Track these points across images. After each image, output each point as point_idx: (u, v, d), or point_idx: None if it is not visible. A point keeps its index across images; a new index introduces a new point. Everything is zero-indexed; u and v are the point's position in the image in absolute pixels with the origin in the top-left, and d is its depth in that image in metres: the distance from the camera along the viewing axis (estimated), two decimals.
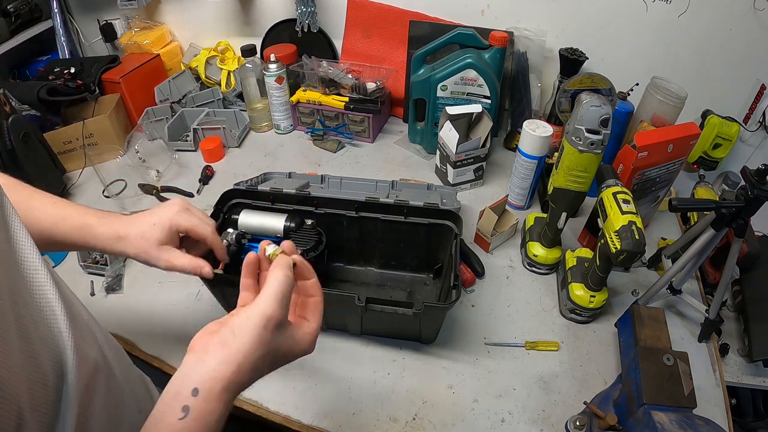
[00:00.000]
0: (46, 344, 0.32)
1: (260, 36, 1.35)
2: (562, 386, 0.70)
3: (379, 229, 0.82)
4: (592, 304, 0.75)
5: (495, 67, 1.03)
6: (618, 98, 0.95)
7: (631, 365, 0.62)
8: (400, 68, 1.23)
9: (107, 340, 0.42)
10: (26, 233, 0.35)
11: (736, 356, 0.86)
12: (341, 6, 1.24)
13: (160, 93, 1.26)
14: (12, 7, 1.23)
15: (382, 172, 1.12)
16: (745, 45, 1.01)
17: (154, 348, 0.74)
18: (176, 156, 1.16)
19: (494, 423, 0.66)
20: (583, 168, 0.72)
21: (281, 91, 1.19)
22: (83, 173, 1.12)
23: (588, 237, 0.91)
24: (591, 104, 0.67)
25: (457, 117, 0.98)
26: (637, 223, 0.64)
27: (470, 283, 0.85)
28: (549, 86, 1.16)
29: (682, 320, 0.80)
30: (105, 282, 0.84)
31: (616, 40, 1.10)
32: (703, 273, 0.91)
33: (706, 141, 0.99)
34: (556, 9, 1.10)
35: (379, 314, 0.66)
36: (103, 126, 1.13)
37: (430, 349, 0.75)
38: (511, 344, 0.76)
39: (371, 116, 1.17)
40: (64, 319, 0.34)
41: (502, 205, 0.87)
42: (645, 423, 0.53)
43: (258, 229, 0.76)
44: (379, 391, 0.69)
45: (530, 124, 0.90)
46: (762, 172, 0.61)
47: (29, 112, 1.11)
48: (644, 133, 0.81)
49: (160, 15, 1.41)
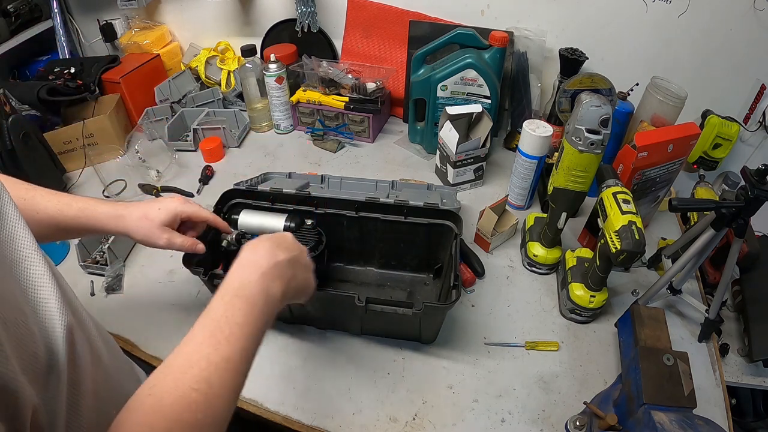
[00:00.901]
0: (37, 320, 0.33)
1: (260, 36, 1.35)
2: (562, 386, 0.70)
3: (379, 229, 0.82)
4: (592, 304, 0.75)
5: (495, 67, 1.03)
6: (618, 98, 0.95)
7: (631, 365, 0.62)
8: (400, 68, 1.23)
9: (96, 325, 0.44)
10: (23, 224, 0.37)
11: (736, 356, 0.86)
12: (341, 6, 1.24)
13: (160, 93, 1.26)
14: (12, 7, 1.23)
15: (382, 172, 1.12)
16: (745, 45, 1.01)
17: (154, 348, 0.74)
18: (176, 156, 1.16)
19: (494, 423, 0.66)
20: (583, 168, 0.72)
21: (281, 91, 1.19)
22: (83, 173, 1.12)
23: (588, 237, 0.91)
24: (591, 104, 0.67)
25: (457, 117, 0.98)
26: (637, 223, 0.64)
27: (470, 283, 0.85)
28: (549, 86, 1.16)
29: (682, 320, 0.80)
30: (105, 282, 0.84)
31: (616, 40, 1.10)
32: (703, 273, 0.91)
33: (706, 141, 0.99)
34: (556, 9, 1.10)
35: (379, 314, 0.66)
36: (103, 126, 1.13)
37: (430, 349, 0.75)
38: (511, 344, 0.76)
39: (371, 116, 1.17)
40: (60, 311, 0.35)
41: (502, 205, 0.87)
42: (645, 423, 0.53)
43: (258, 229, 0.75)
44: (379, 391, 0.69)
45: (530, 124, 0.90)
46: (762, 172, 0.61)
47: (29, 112, 1.11)
48: (644, 133, 0.81)
49: (160, 15, 1.41)
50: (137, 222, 0.60)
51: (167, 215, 0.61)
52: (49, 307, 0.34)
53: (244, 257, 0.48)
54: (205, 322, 0.42)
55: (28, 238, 0.36)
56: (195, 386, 0.37)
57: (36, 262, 0.36)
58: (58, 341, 0.34)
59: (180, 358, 0.39)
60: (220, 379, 0.38)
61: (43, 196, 0.57)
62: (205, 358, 0.39)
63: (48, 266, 0.37)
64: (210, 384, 0.37)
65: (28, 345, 0.30)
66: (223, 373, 0.39)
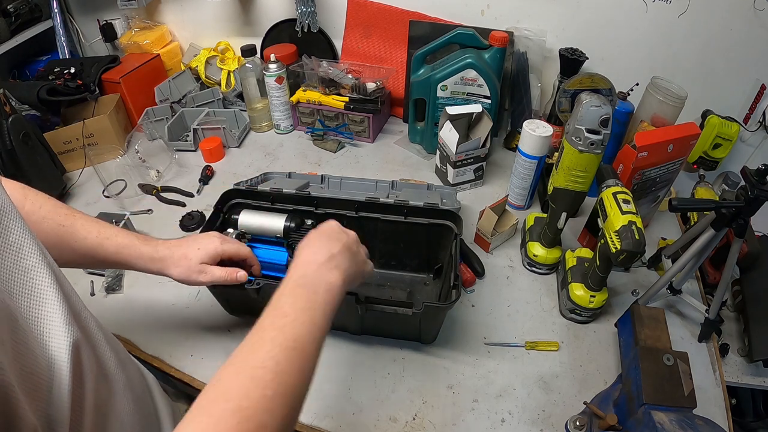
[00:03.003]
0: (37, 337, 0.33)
1: (260, 36, 1.35)
2: (562, 386, 0.70)
3: (379, 229, 0.82)
4: (592, 304, 0.75)
5: (495, 67, 1.03)
6: (618, 98, 0.95)
7: (631, 365, 0.62)
8: (400, 68, 1.23)
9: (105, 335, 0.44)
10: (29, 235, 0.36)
11: (736, 356, 0.86)
12: (341, 6, 1.24)
13: (160, 93, 1.26)
14: (12, 7, 1.23)
15: (382, 172, 1.12)
16: (745, 45, 1.01)
17: (154, 348, 0.74)
18: (176, 156, 1.16)
19: (494, 423, 0.66)
20: (583, 168, 0.72)
21: (281, 91, 1.19)
22: (83, 173, 1.12)
23: (588, 237, 0.91)
24: (591, 104, 0.67)
25: (457, 117, 0.98)
26: (637, 223, 0.64)
27: (470, 283, 0.85)
28: (549, 86, 1.16)
29: (682, 320, 0.80)
30: (105, 282, 0.84)
31: (616, 40, 1.10)
32: (703, 273, 0.91)
33: (706, 141, 0.99)
34: (556, 9, 1.10)
35: (379, 314, 0.66)
36: (103, 126, 1.13)
37: (430, 349, 0.75)
38: (511, 344, 0.76)
39: (371, 116, 1.17)
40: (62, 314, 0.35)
41: (502, 205, 0.87)
42: (645, 423, 0.53)
43: (258, 229, 0.75)
44: (379, 391, 0.69)
45: (530, 124, 0.90)
46: (762, 172, 0.61)
47: (29, 112, 1.11)
48: (644, 133, 0.81)
49: (160, 15, 1.41)
50: (177, 262, 0.60)
51: (206, 256, 0.61)
52: (53, 324, 0.34)
53: (300, 256, 0.50)
54: (268, 312, 0.43)
55: (35, 250, 0.36)
56: (261, 365, 0.37)
57: (42, 274, 0.35)
58: (62, 358, 0.33)
59: (246, 345, 0.40)
60: (287, 358, 0.39)
61: (83, 225, 0.57)
62: (269, 341, 0.39)
63: (55, 278, 0.36)
64: (277, 362, 0.38)
65: (27, 362, 0.30)
66: (290, 352, 0.39)
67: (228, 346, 0.73)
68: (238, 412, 0.33)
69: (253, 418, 0.33)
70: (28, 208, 0.53)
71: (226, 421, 0.32)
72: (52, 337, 0.34)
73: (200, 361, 0.72)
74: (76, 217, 0.57)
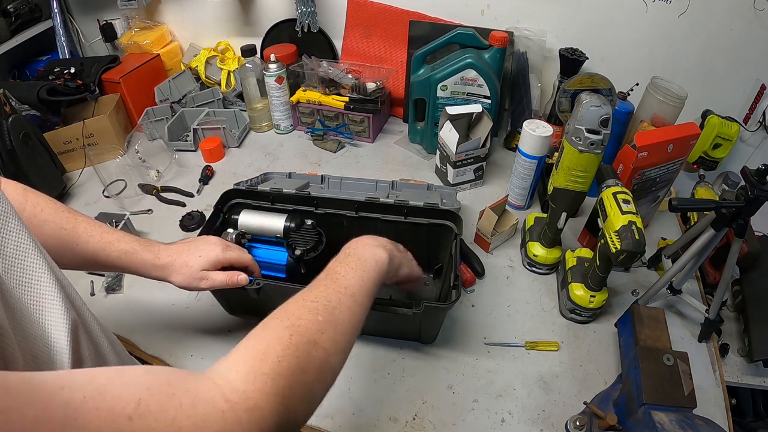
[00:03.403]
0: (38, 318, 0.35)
1: (260, 36, 1.35)
2: (562, 386, 0.70)
3: (379, 229, 0.82)
4: (592, 304, 0.75)
5: (495, 67, 1.03)
6: (618, 98, 0.95)
7: (631, 365, 0.62)
8: (400, 68, 1.23)
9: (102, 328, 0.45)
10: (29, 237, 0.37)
11: (736, 356, 0.86)
12: (341, 6, 1.24)
13: (160, 93, 1.26)
14: (12, 7, 1.23)
15: (382, 172, 1.12)
16: (745, 45, 1.01)
17: (154, 348, 0.75)
18: (176, 156, 1.16)
19: (494, 423, 0.66)
20: (583, 168, 0.72)
21: (281, 91, 1.19)
22: (83, 173, 1.12)
23: (588, 237, 0.91)
24: (591, 104, 0.67)
25: (457, 117, 0.98)
26: (637, 223, 0.64)
27: (470, 283, 0.85)
28: (549, 86, 1.16)
29: (682, 320, 0.80)
30: (105, 282, 0.84)
31: (616, 40, 1.09)
32: (703, 273, 0.91)
33: (706, 141, 0.99)
34: (556, 9, 1.10)
35: (379, 314, 0.66)
36: (103, 126, 1.13)
37: (430, 349, 0.75)
38: (511, 344, 0.76)
39: (371, 116, 1.17)
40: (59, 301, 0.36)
41: (502, 205, 0.87)
42: (645, 423, 0.53)
43: (258, 230, 0.76)
44: (379, 391, 0.69)
45: (530, 124, 0.90)
46: (762, 172, 0.61)
47: (29, 112, 1.11)
48: (644, 133, 0.81)
49: (160, 15, 1.41)
50: (178, 270, 0.61)
51: (207, 263, 0.62)
52: (51, 304, 0.35)
53: (349, 244, 0.55)
54: (321, 276, 0.48)
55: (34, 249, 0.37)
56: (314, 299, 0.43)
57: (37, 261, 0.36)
58: (62, 339, 0.34)
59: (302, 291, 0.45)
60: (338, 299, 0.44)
61: (85, 228, 0.57)
62: (323, 287, 0.46)
63: (49, 267, 0.37)
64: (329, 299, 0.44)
65: (29, 344, 0.30)
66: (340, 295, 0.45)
67: (228, 346, 0.73)
68: (291, 327, 0.39)
69: (304, 334, 0.39)
70: (29, 210, 0.53)
71: (280, 333, 0.38)
72: (51, 316, 0.35)
73: (200, 361, 0.72)
74: (78, 221, 0.57)
